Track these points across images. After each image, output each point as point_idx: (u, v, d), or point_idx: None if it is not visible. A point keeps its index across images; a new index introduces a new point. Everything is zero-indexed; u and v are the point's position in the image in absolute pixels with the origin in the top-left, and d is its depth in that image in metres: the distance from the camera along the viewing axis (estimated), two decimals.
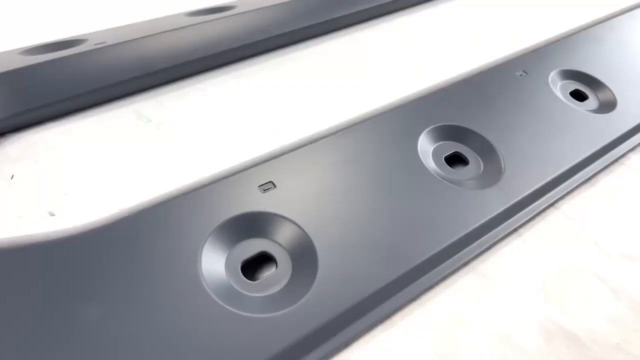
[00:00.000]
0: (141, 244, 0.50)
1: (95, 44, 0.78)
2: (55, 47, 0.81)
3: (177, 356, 0.44)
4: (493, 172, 0.67)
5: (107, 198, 0.62)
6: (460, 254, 0.57)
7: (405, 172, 0.64)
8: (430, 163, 0.67)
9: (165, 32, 0.82)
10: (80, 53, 0.75)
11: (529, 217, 0.63)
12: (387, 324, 0.51)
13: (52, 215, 0.59)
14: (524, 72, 0.84)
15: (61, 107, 0.74)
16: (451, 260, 0.56)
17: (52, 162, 0.67)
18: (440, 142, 0.70)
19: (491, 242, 0.59)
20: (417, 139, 0.68)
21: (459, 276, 0.57)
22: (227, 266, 0.52)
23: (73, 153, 0.69)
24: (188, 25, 0.85)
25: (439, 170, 0.66)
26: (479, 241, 0.59)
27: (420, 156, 0.67)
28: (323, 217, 0.56)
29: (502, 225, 0.61)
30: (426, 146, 0.69)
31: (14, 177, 0.64)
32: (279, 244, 0.55)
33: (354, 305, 0.50)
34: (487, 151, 0.69)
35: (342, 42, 1.00)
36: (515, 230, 0.62)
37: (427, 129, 0.70)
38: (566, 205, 0.66)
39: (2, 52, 0.82)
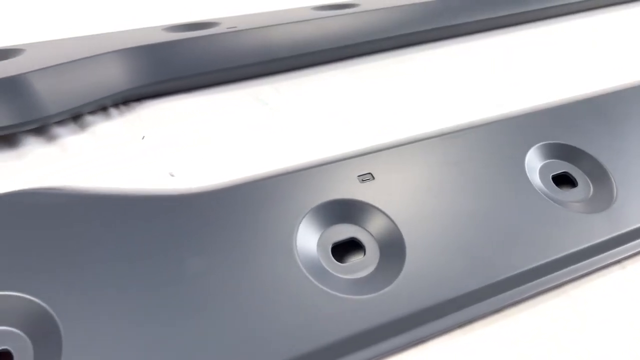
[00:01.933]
0: (246, 211, 0.55)
1: (227, 28, 0.85)
2: (192, 27, 0.89)
3: (262, 316, 0.47)
4: (603, 197, 0.64)
5: (220, 168, 0.68)
6: (553, 275, 0.55)
7: (508, 184, 0.63)
8: (536, 179, 0.65)
9: (291, 22, 0.87)
10: (213, 35, 0.83)
11: (637, 250, 0.59)
12: (467, 329, 0.51)
13: (172, 176, 0.66)
14: None
15: (191, 82, 0.81)
16: (543, 279, 0.55)
17: (178, 129, 0.74)
18: (550, 160, 0.68)
19: (590, 269, 0.57)
20: (525, 153, 0.67)
21: (548, 297, 0.55)
22: (319, 245, 0.55)
23: (196, 123, 0.76)
24: (312, 19, 0.89)
25: (544, 188, 0.64)
26: (576, 265, 0.56)
27: (527, 171, 0.65)
28: (416, 215, 0.57)
29: (605, 254, 0.58)
30: (534, 162, 0.67)
31: (144, 138, 0.72)
32: (370, 233, 0.57)
33: (436, 304, 0.51)
34: (599, 175, 0.66)
35: (461, 49, 0.99)
36: (618, 261, 0.58)
37: (538, 145, 0.68)
38: None
39: (148, 28, 0.92)
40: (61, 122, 0.73)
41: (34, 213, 0.51)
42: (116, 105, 0.78)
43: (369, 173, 0.61)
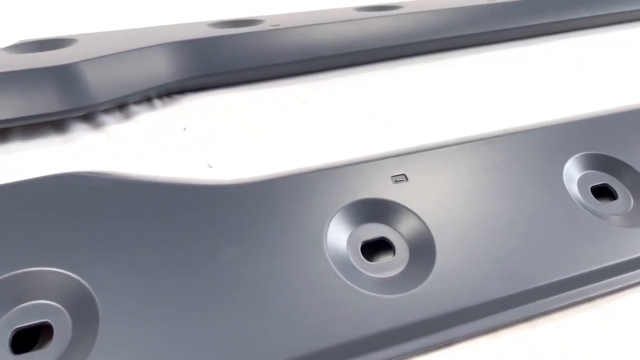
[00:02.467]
0: (280, 205, 0.56)
1: (271, 25, 0.86)
2: (237, 24, 0.91)
3: (289, 308, 0.48)
4: None
5: (257, 162, 0.69)
6: (586, 287, 0.54)
7: (544, 193, 0.62)
8: (574, 190, 0.64)
9: (333, 22, 0.88)
10: (257, 32, 0.84)
11: None
12: (493, 335, 0.51)
13: (210, 167, 0.68)
14: None
15: (232, 77, 0.83)
16: (575, 291, 0.54)
17: (218, 123, 0.76)
18: (590, 171, 0.67)
19: (624, 284, 0.55)
20: (564, 163, 0.66)
21: (579, 310, 0.54)
22: (349, 242, 0.55)
23: (235, 118, 0.78)
24: (355, 19, 0.90)
25: (582, 199, 0.63)
26: (610, 280, 0.55)
27: (565, 181, 0.64)
28: (449, 218, 0.57)
29: None
30: (573, 172, 0.66)
31: (185, 129, 0.74)
32: (400, 233, 0.57)
33: (464, 308, 0.51)
34: None
35: (504, 54, 0.98)
36: None
37: (578, 155, 0.67)
38: None
39: (194, 23, 0.94)
40: (107, 111, 0.76)
41: (78, 195, 0.54)
42: (160, 96, 0.81)
43: (403, 174, 0.61)
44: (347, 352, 0.48)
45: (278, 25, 0.87)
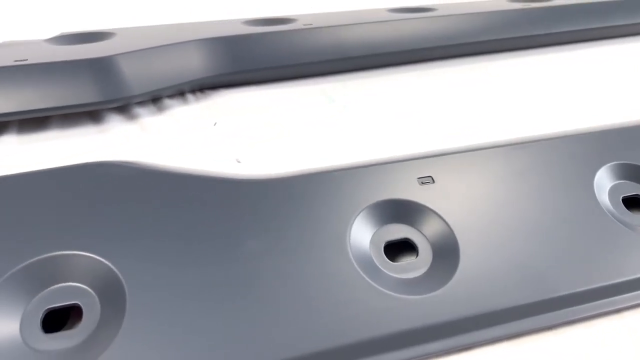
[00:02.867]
0: (305, 201, 0.56)
1: (303, 24, 0.87)
2: (270, 22, 0.92)
3: (309, 303, 0.49)
4: None
5: (284, 158, 0.70)
6: (612, 299, 0.53)
7: (574, 201, 0.61)
8: (604, 199, 0.63)
9: (365, 23, 0.89)
10: (290, 30, 0.85)
11: None
12: (515, 342, 0.50)
13: (239, 162, 0.69)
14: None
15: (265, 74, 0.85)
16: (600, 302, 0.53)
17: (248, 119, 0.78)
18: (621, 181, 0.65)
19: None
20: (595, 172, 0.64)
21: (604, 321, 0.53)
22: (372, 242, 0.56)
23: (265, 115, 0.79)
24: (388, 20, 0.90)
25: (612, 209, 0.62)
26: (638, 292, 0.54)
27: (595, 190, 0.63)
28: (474, 222, 0.57)
29: None
30: (604, 181, 0.65)
31: (216, 124, 0.76)
32: (424, 235, 0.57)
33: (486, 313, 0.50)
34: None
35: (536, 60, 0.97)
36: None
37: (610, 164, 0.65)
38: None
39: (229, 20, 0.96)
40: (142, 103, 0.78)
41: (111, 183, 0.56)
42: (193, 91, 0.83)
43: (430, 176, 0.61)
44: (365, 350, 0.48)
45: (311, 24, 0.87)
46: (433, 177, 0.60)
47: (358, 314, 0.49)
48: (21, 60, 0.70)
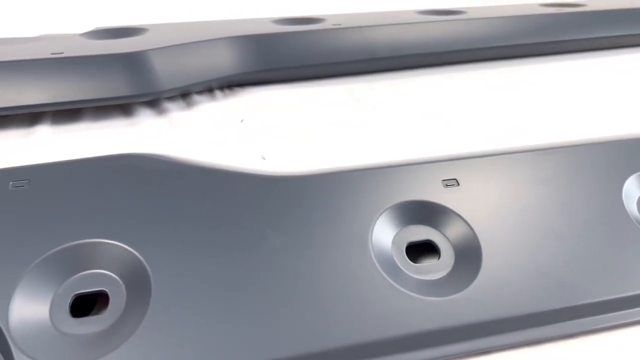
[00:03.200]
0: (328, 199, 0.57)
1: (332, 24, 0.88)
2: (299, 21, 0.93)
3: (329, 299, 0.49)
4: None
5: (309, 156, 0.70)
6: (637, 309, 0.52)
7: (601, 209, 0.60)
8: (632, 209, 0.62)
9: (394, 24, 0.89)
10: (319, 30, 0.86)
11: None
12: (535, 348, 0.50)
13: (264, 159, 0.70)
14: None
15: (292, 73, 0.85)
16: (624, 312, 0.52)
17: (274, 116, 0.79)
18: None
19: None
20: (624, 180, 0.63)
21: (628, 332, 0.52)
22: (394, 242, 0.56)
23: (291, 113, 0.80)
24: (416, 22, 0.90)
25: None
26: None
27: (624, 199, 0.62)
28: (498, 227, 0.56)
29: None
30: (633, 190, 0.63)
31: (243, 121, 0.77)
32: (447, 238, 0.57)
33: (506, 318, 0.50)
34: None
35: (569, 65, 0.96)
36: None
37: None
38: None
39: (259, 18, 0.97)
40: (172, 98, 0.80)
41: (140, 175, 0.57)
42: (221, 88, 0.84)
43: (454, 179, 0.60)
44: (383, 349, 0.48)
45: (339, 24, 0.88)
46: (458, 179, 0.60)
47: (377, 313, 0.49)
48: (58, 53, 0.72)
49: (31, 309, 0.46)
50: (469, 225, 0.56)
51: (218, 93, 0.83)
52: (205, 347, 0.45)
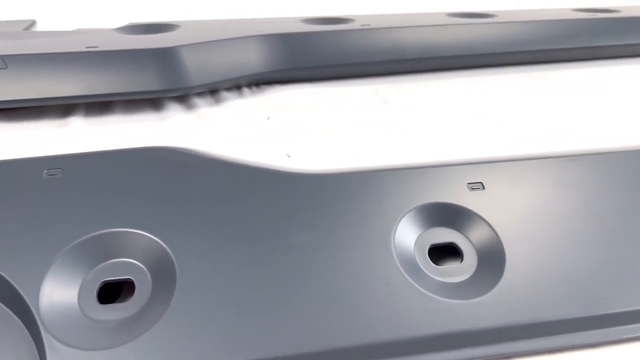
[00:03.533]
0: (352, 198, 0.57)
1: (361, 25, 0.88)
2: (329, 21, 0.93)
3: (350, 298, 0.49)
4: None
5: (334, 155, 0.71)
6: None
7: (630, 218, 0.59)
8: None
9: (424, 26, 0.88)
10: (347, 30, 0.86)
11: None
12: (557, 356, 0.49)
13: (289, 156, 0.70)
14: None
15: (320, 72, 0.86)
16: None
17: (301, 115, 0.79)
18: None
19: None
20: None
21: None
22: (417, 244, 0.56)
23: (318, 112, 0.80)
24: (446, 24, 0.89)
25: None
26: None
27: None
28: (522, 232, 0.56)
29: None
30: None
31: (269, 119, 0.78)
32: (470, 241, 0.56)
33: (528, 324, 0.50)
34: None
35: (603, 72, 0.94)
36: None
37: None
38: None
39: (288, 18, 0.98)
40: (200, 94, 0.81)
41: (167, 167, 0.58)
42: (249, 85, 0.85)
43: (480, 182, 0.60)
44: (401, 349, 0.48)
45: (368, 25, 0.88)
46: (483, 183, 0.60)
47: (397, 313, 0.49)
48: (92, 47, 0.74)
49: (60, 293, 0.48)
50: (493, 229, 0.56)
51: (246, 90, 0.84)
52: (227, 338, 0.45)
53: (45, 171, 0.56)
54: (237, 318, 0.47)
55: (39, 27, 0.99)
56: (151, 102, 0.79)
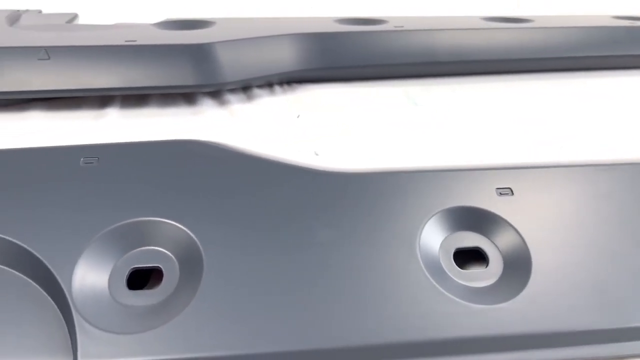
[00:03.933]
0: (379, 198, 0.57)
1: (394, 26, 0.88)
2: (362, 22, 0.93)
3: (373, 297, 0.50)
4: None
5: (362, 155, 0.71)
6: None
7: None
8: None
9: (457, 29, 0.88)
10: (381, 31, 0.86)
11: None
12: None
13: (317, 155, 0.71)
14: None
15: (351, 72, 0.86)
16: None
17: (330, 114, 0.80)
18: None
19: None
20: None
21: None
22: (442, 246, 0.56)
23: (347, 111, 0.80)
24: (481, 28, 0.88)
25: None
26: None
27: None
28: (550, 239, 0.55)
29: None
30: None
31: (299, 117, 0.79)
32: (496, 246, 0.56)
33: (553, 332, 0.49)
34: None
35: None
36: None
37: None
38: None
39: (322, 17, 0.98)
40: (233, 90, 0.83)
41: (198, 160, 0.60)
42: (281, 83, 0.86)
43: (509, 188, 0.59)
44: (422, 350, 0.48)
45: (402, 26, 0.88)
46: (512, 189, 0.59)
47: (420, 314, 0.49)
48: (131, 41, 0.76)
49: (92, 277, 0.50)
50: (520, 235, 0.55)
51: (277, 88, 0.85)
52: (251, 327, 0.46)
53: (82, 159, 0.58)
54: (263, 310, 0.47)
55: (81, 21, 1.02)
56: (185, 96, 0.81)
